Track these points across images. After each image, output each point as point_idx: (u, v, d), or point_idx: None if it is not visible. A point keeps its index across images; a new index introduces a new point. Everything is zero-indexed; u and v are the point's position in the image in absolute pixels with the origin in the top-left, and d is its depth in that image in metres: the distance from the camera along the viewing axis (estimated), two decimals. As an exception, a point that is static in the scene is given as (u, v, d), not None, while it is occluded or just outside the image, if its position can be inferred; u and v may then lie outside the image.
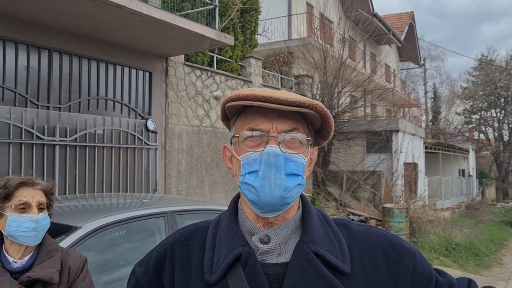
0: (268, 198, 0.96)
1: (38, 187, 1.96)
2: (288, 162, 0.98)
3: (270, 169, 0.96)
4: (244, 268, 0.99)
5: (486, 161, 38.32)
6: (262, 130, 0.99)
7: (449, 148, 21.10)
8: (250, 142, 1.01)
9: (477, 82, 33.45)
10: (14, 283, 1.80)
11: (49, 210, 1.99)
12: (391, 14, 27.56)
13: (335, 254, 1.01)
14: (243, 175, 1.00)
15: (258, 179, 0.96)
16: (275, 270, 1.00)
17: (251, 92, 0.99)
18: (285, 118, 1.00)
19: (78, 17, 5.72)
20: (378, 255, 1.05)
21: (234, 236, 1.04)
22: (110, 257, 3.06)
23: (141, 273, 1.12)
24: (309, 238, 1.02)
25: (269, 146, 0.98)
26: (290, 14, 15.74)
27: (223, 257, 1.01)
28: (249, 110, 1.03)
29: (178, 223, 3.29)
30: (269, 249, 1.01)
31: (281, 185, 0.96)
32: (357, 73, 13.69)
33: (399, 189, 13.86)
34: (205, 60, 9.20)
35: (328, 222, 1.10)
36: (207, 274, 1.01)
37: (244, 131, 1.02)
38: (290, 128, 1.00)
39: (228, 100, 1.03)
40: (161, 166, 7.76)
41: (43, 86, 6.06)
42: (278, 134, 0.99)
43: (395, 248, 1.07)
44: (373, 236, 1.09)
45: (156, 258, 1.11)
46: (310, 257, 1.00)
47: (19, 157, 5.69)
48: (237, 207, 1.11)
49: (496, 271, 9.98)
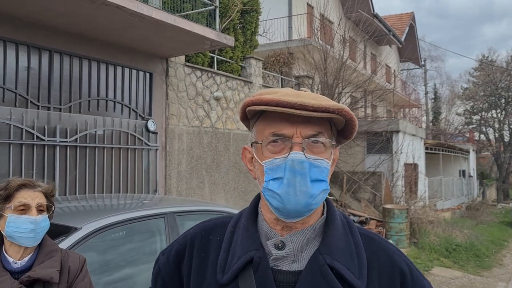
0: (293, 205, 0.94)
1: (39, 189, 1.98)
2: (313, 168, 0.96)
3: (295, 176, 0.93)
4: (255, 273, 0.98)
5: (486, 161, 38.28)
6: (285, 136, 0.97)
7: (449, 149, 21.09)
8: (273, 147, 0.98)
9: (477, 83, 33.44)
10: (15, 283, 1.81)
11: (49, 212, 2.00)
12: (392, 15, 27.55)
13: (351, 269, 0.98)
14: (267, 181, 0.97)
15: (283, 186, 0.94)
16: (286, 278, 0.98)
17: (273, 97, 0.96)
18: (309, 122, 0.97)
19: (78, 18, 5.72)
20: (395, 279, 1.01)
21: (250, 239, 1.03)
22: (110, 258, 3.06)
23: (163, 262, 1.14)
24: (327, 249, 0.99)
25: (294, 152, 0.95)
26: (290, 15, 15.74)
27: (236, 259, 1.01)
28: (271, 113, 0.99)
29: (178, 224, 3.29)
30: (283, 256, 0.99)
31: (306, 192, 0.94)
32: (358, 73, 13.69)
33: (400, 189, 13.86)
34: (205, 60, 9.20)
35: (352, 232, 1.06)
36: (219, 274, 1.01)
37: (267, 137, 0.98)
38: (314, 132, 0.97)
39: (249, 103, 1.00)
40: (162, 167, 7.77)
41: (43, 86, 6.06)
42: (303, 140, 0.96)
43: (414, 281, 1.04)
44: (397, 258, 1.05)
45: (177, 249, 1.12)
46: (324, 269, 0.96)
47: (19, 158, 5.69)
48: (257, 208, 1.09)
49: (497, 272, 9.96)
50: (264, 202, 1.03)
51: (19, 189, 1.93)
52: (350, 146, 13.51)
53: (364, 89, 14.97)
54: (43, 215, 1.95)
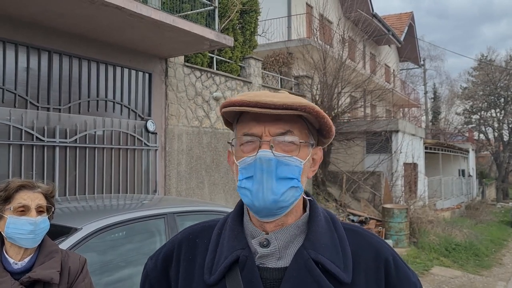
0: (262, 202, 0.96)
1: (39, 190, 1.98)
2: (281, 166, 0.98)
3: (262, 173, 0.97)
4: (242, 272, 1.00)
5: (486, 161, 38.33)
6: (255, 135, 1.00)
7: (449, 148, 21.10)
8: (245, 147, 1.01)
9: (477, 82, 33.47)
10: (15, 283, 1.82)
11: (49, 213, 2.00)
12: (391, 15, 27.57)
13: (336, 263, 0.99)
14: (241, 180, 1.01)
15: (253, 184, 0.97)
16: (272, 275, 1.00)
17: (241, 97, 0.99)
18: (278, 121, 0.99)
19: (77, 19, 5.72)
20: (380, 271, 1.03)
21: (236, 239, 1.05)
22: (110, 258, 3.06)
23: (151, 267, 1.16)
24: (311, 244, 1.01)
25: (261, 150, 0.98)
26: (289, 15, 15.75)
27: (223, 259, 1.02)
28: (244, 115, 1.03)
29: (178, 224, 3.29)
30: (268, 253, 1.01)
31: (271, 189, 0.96)
32: (357, 73, 13.71)
33: (399, 189, 13.87)
34: (204, 61, 9.20)
35: (336, 227, 1.08)
36: (207, 275, 1.03)
37: (239, 137, 1.03)
38: (283, 131, 0.99)
39: (221, 106, 1.05)
40: (161, 167, 7.77)
41: (43, 87, 6.06)
42: (271, 138, 0.99)
43: (399, 272, 1.05)
44: (383, 251, 1.06)
45: (164, 253, 1.14)
46: (309, 264, 0.98)
47: (19, 159, 5.69)
48: (243, 209, 1.12)
49: (496, 271, 9.98)
50: None
51: (19, 190, 1.93)
52: (350, 146, 13.53)
53: (364, 89, 14.98)
54: (43, 216, 1.95)
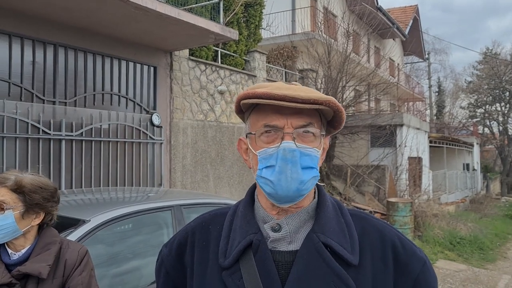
0: (285, 191, 1.00)
1: (4, 185, 1.85)
2: (303, 156, 1.02)
3: (287, 164, 1.00)
4: (255, 255, 1.04)
5: (490, 155, 38.18)
6: (277, 127, 1.02)
7: (453, 142, 21.03)
8: (265, 137, 1.04)
9: (481, 76, 33.28)
10: (6, 275, 1.78)
11: (16, 209, 1.83)
12: (396, 8, 27.41)
13: (344, 246, 1.04)
14: (261, 169, 1.03)
15: (275, 173, 1.00)
16: (284, 258, 1.04)
17: (265, 90, 1.01)
18: (300, 114, 1.03)
19: (83, 12, 5.73)
20: (388, 252, 1.06)
21: (248, 224, 1.09)
22: (117, 250, 3.09)
23: (166, 254, 1.20)
24: (320, 228, 1.05)
25: (285, 142, 1.01)
26: (294, 8, 15.68)
27: (236, 243, 1.07)
28: (263, 106, 1.05)
29: (185, 216, 3.31)
30: (280, 237, 1.05)
31: (297, 178, 1.00)
32: (361, 67, 13.64)
33: (404, 183, 13.84)
34: (209, 54, 9.19)
35: (343, 213, 1.12)
36: (221, 259, 1.07)
37: (260, 128, 1.05)
38: (305, 123, 1.03)
39: (243, 97, 1.06)
40: (166, 161, 7.79)
41: (48, 81, 6.08)
42: (293, 130, 1.02)
43: (406, 250, 1.08)
44: (387, 233, 1.10)
45: (178, 241, 1.18)
46: (319, 247, 1.03)
47: (25, 152, 5.72)
48: (253, 196, 1.16)
49: (501, 264, 9.97)
50: (260, 190, 1.08)
51: None
52: (354, 140, 13.50)
53: (368, 82, 14.91)
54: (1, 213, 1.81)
